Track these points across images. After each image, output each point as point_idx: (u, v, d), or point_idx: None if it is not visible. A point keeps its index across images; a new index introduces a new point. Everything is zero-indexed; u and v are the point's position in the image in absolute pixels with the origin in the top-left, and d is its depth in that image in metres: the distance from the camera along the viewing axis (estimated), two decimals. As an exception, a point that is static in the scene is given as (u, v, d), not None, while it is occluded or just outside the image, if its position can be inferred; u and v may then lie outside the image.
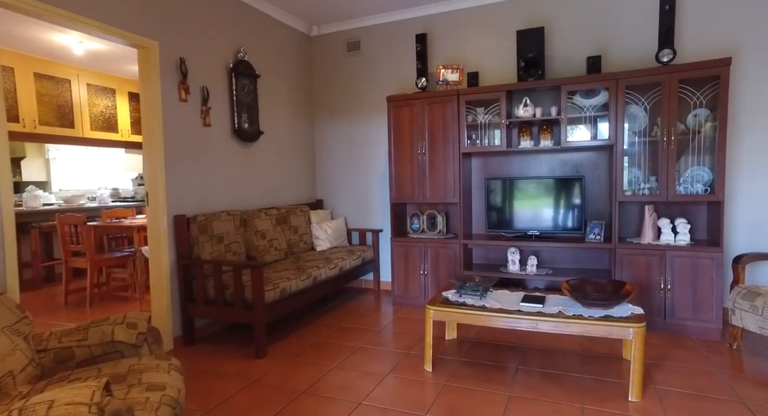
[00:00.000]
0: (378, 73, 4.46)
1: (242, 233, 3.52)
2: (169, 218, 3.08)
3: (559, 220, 3.54)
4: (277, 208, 4.03)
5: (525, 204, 3.64)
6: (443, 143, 3.73)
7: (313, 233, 4.33)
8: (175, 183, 3.13)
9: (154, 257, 3.07)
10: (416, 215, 4.04)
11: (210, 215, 3.27)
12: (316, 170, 4.86)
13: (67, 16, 2.48)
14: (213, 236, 3.25)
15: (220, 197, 3.53)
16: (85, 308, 4.23)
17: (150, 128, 3.01)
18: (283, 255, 3.78)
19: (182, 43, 3.18)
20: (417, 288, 3.86)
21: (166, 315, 3.07)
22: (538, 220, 3.60)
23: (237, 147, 3.72)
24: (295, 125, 4.51)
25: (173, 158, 3.12)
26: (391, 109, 3.88)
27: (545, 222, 3.58)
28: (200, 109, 3.33)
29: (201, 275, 3.07)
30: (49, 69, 5.38)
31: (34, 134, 5.29)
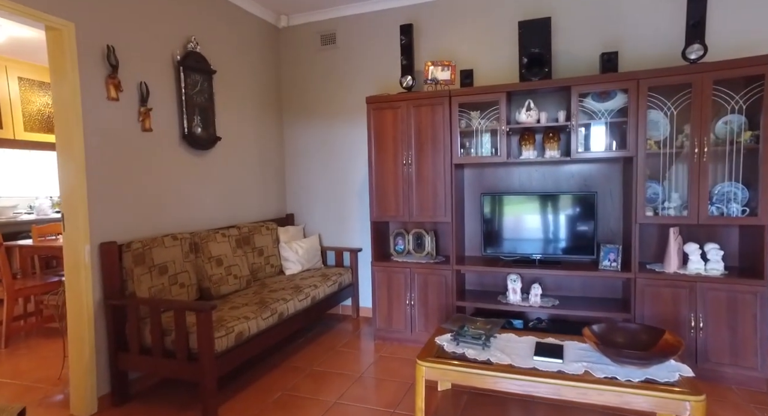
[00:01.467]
0: (357, 71, 3.90)
1: (192, 260, 2.91)
2: (93, 247, 2.44)
3: (567, 243, 3.05)
4: (238, 227, 3.42)
5: (527, 224, 3.14)
6: (432, 152, 3.19)
7: (281, 254, 3.73)
8: (101, 202, 2.49)
9: (73, 297, 2.43)
10: (401, 235, 3.50)
11: (149, 241, 2.64)
12: (286, 181, 4.25)
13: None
14: (153, 266, 2.63)
15: (164, 217, 2.90)
16: (0, 348, 3.51)
17: (65, 133, 2.37)
18: (244, 284, 3.17)
19: (111, 26, 2.55)
20: (402, 320, 3.31)
21: (88, 368, 2.43)
22: (542, 242, 3.11)
23: (187, 156, 3.10)
24: (261, 129, 3.91)
25: (99, 171, 2.48)
26: (372, 112, 3.33)
27: (550, 245, 3.09)
28: (137, 109, 2.70)
29: (135, 317, 2.44)
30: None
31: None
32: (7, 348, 3.50)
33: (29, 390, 2.77)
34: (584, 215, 2.99)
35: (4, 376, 2.98)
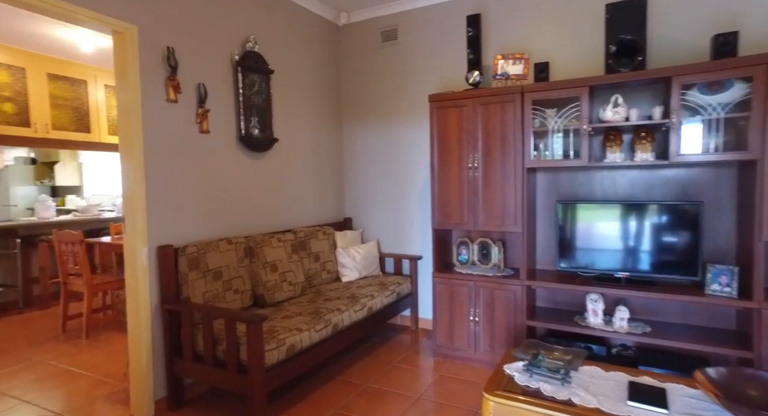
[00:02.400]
0: (419, 68, 3.67)
1: (247, 265, 2.84)
2: (151, 250, 2.43)
3: (660, 260, 2.61)
4: (294, 231, 3.32)
5: (610, 236, 2.74)
6: (501, 154, 2.89)
7: (338, 260, 3.60)
8: (158, 204, 2.47)
9: (132, 299, 2.43)
10: (464, 244, 3.22)
11: (204, 245, 2.60)
12: (344, 184, 4.12)
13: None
14: (208, 271, 2.58)
15: (219, 220, 2.86)
16: (82, 338, 3.70)
17: (127, 135, 2.37)
18: (299, 291, 3.06)
19: (171, 28, 2.53)
20: (465, 338, 3.03)
21: (146, 371, 2.41)
22: (630, 258, 2.69)
23: (244, 158, 3.04)
24: (319, 130, 3.80)
25: (157, 173, 2.47)
26: (435, 111, 3.08)
27: (640, 261, 2.67)
28: (195, 111, 2.67)
29: (189, 323, 2.40)
30: (64, 69, 4.97)
31: (47, 139, 4.88)
32: (87, 339, 3.68)
33: (99, 383, 2.84)
34: (685, 229, 2.54)
35: (83, 367, 3.10)
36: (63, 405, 2.58)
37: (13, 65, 4.58)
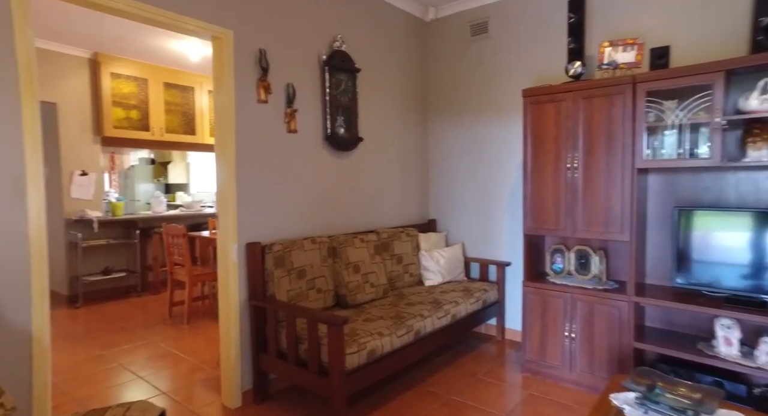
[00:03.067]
0: (511, 62, 3.42)
1: (330, 265, 2.84)
2: (240, 247, 2.51)
3: (819, 280, 2.12)
4: (377, 232, 3.27)
5: (746, 250, 2.29)
6: (606, 153, 2.56)
7: (421, 263, 3.48)
8: (248, 202, 2.56)
9: (223, 293, 2.54)
10: (559, 252, 2.92)
11: (290, 243, 2.64)
12: (429, 184, 4.00)
13: (128, 4, 2.02)
14: (292, 269, 2.61)
15: (304, 219, 2.89)
16: (184, 324, 4.02)
17: (221, 135, 2.47)
18: (381, 293, 3.00)
19: (263, 31, 2.60)
20: (558, 355, 2.75)
21: (234, 363, 2.51)
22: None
23: (329, 157, 3.05)
24: (404, 129, 3.72)
25: (247, 172, 2.55)
26: (529, 106, 2.83)
27: (788, 281, 2.19)
28: (284, 111, 2.73)
29: (274, 320, 2.44)
30: (177, 78, 5.47)
31: (161, 141, 5.41)
32: (188, 325, 3.99)
33: (195, 369, 3.04)
34: None
35: (183, 351, 3.35)
36: (167, 386, 2.78)
37: (139, 77, 5.13)
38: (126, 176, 8.68)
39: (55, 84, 4.61)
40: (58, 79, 4.63)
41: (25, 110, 1.79)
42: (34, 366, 1.84)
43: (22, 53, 1.79)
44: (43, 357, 1.86)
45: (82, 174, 4.80)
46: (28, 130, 1.80)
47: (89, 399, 2.62)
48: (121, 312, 4.42)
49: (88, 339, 3.64)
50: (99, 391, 2.72)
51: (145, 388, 2.76)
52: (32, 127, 1.81)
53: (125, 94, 5.03)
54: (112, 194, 7.82)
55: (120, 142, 5.08)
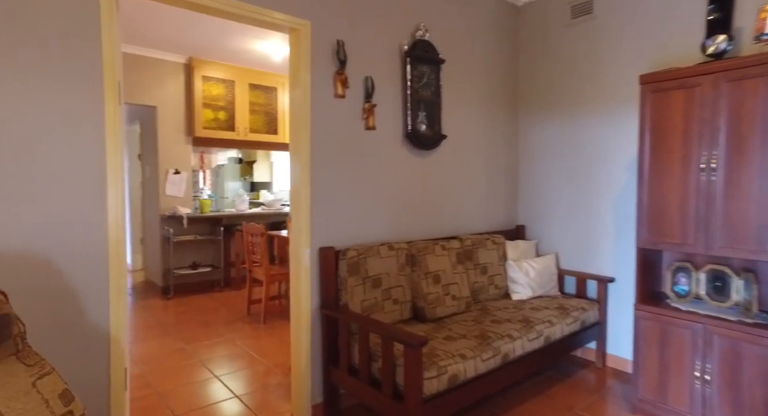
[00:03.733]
0: (621, 44, 2.92)
1: (408, 274, 2.60)
2: (313, 251, 2.37)
3: None
4: (460, 239, 2.97)
5: None
6: (763, 151, 2.02)
7: (508, 274, 3.12)
8: (322, 204, 2.40)
9: (294, 299, 2.41)
10: (684, 271, 2.41)
11: (365, 249, 2.44)
12: (518, 187, 3.60)
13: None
14: (367, 277, 2.42)
15: (381, 223, 2.68)
16: (260, 323, 4.04)
17: (296, 133, 2.34)
18: (463, 306, 2.71)
19: (341, 20, 2.43)
20: (686, 399, 2.25)
21: (304, 374, 2.37)
22: None
23: (409, 156, 2.81)
24: (491, 126, 3.37)
25: (322, 172, 2.39)
26: (648, 95, 2.36)
27: None
28: (361, 106, 2.54)
29: (346, 332, 2.26)
30: (261, 79, 5.60)
31: (245, 141, 5.56)
32: (264, 324, 4.00)
33: (268, 372, 2.98)
34: None
35: (258, 352, 3.33)
36: (240, 388, 2.74)
37: (227, 79, 5.32)
38: (216, 174, 9.23)
39: (156, 89, 4.90)
40: (158, 84, 4.91)
41: (108, 110, 1.77)
42: (112, 365, 1.82)
43: (108, 57, 1.77)
44: (120, 357, 1.84)
45: (175, 173, 5.06)
46: (110, 131, 1.78)
47: (169, 394, 2.65)
48: (205, 305, 4.58)
49: (175, 330, 3.77)
50: (178, 387, 2.75)
51: (220, 389, 2.73)
52: (114, 128, 1.79)
53: (214, 96, 5.23)
54: (205, 192, 8.35)
55: (208, 142, 5.30)
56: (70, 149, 1.69)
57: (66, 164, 1.68)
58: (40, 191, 1.63)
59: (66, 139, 1.68)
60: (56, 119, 1.66)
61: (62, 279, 1.66)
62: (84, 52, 1.71)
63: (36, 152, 1.63)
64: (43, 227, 1.63)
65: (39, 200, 1.63)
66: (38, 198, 1.63)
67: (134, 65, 4.76)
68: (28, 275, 1.60)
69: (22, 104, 1.60)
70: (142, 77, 4.81)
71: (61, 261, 1.66)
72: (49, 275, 1.63)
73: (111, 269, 1.76)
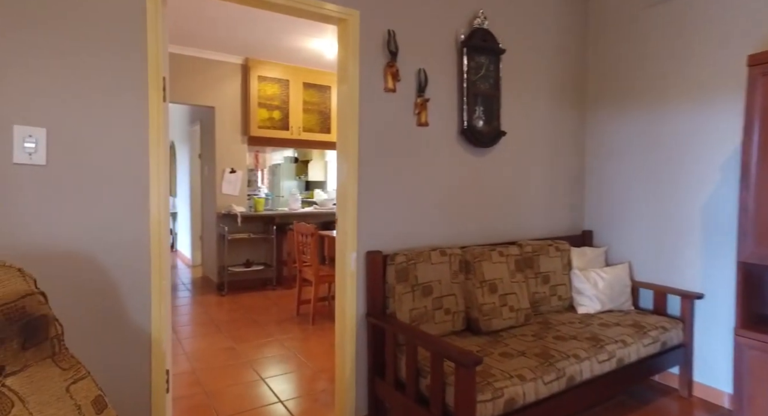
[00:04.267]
0: (718, 20, 2.52)
1: (461, 282, 2.39)
2: (360, 255, 2.23)
3: None
4: (519, 245, 2.72)
5: None
6: None
7: (573, 284, 2.82)
8: (371, 205, 2.26)
9: (340, 305, 2.29)
10: (799, 290, 2.01)
11: (415, 255, 2.27)
12: (585, 188, 3.26)
13: (244, -14, 1.88)
14: (417, 285, 2.24)
15: (433, 226, 2.49)
16: (309, 324, 3.99)
17: (344, 129, 2.22)
18: (522, 319, 2.46)
19: (392, 10, 2.27)
20: (793, 443, 1.87)
21: (349, 384, 2.24)
22: None
23: (464, 155, 2.60)
24: (555, 122, 3.07)
25: (371, 170, 2.25)
26: (759, 79, 1.99)
27: None
28: (413, 101, 2.36)
29: (392, 342, 2.10)
30: (315, 78, 5.58)
31: (299, 140, 5.57)
32: (313, 325, 3.95)
33: (314, 378, 2.89)
34: None
35: (306, 355, 3.26)
36: (285, 392, 2.67)
37: (282, 78, 5.35)
38: (273, 173, 9.44)
39: (214, 89, 5.02)
40: (217, 85, 5.03)
41: (152, 110, 1.73)
42: (153, 367, 1.79)
43: (153, 54, 1.73)
44: (161, 359, 1.80)
45: (231, 172, 5.16)
46: (154, 129, 1.74)
47: (215, 394, 2.62)
48: (256, 303, 4.62)
49: (227, 328, 3.81)
50: (225, 387, 2.72)
51: (265, 393, 2.67)
52: (157, 125, 1.75)
53: (269, 96, 5.28)
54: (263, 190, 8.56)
55: (263, 141, 5.36)
56: (114, 148, 1.67)
57: (110, 164, 1.66)
58: (85, 191, 1.62)
59: (110, 138, 1.66)
60: (102, 119, 1.64)
61: (105, 279, 1.63)
62: (129, 51, 1.68)
63: (83, 153, 1.62)
64: (86, 227, 1.61)
65: (84, 200, 1.62)
66: (84, 198, 1.61)
67: (194, 67, 4.90)
68: (72, 275, 1.59)
69: (74, 107, 1.59)
70: (201, 79, 4.95)
71: (103, 261, 1.64)
72: (91, 275, 1.61)
73: (153, 270, 1.72)
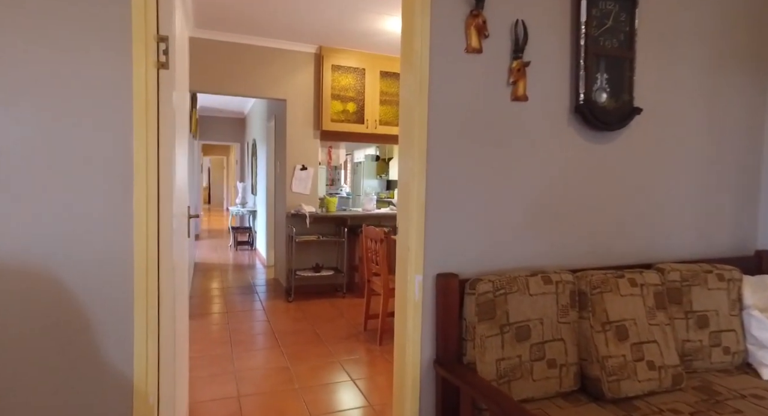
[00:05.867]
0: None
1: (573, 322, 1.67)
2: (427, 278, 1.62)
3: None
4: (660, 269, 1.90)
5: None
6: None
7: (750, 331, 1.92)
8: (443, 210, 1.64)
9: (399, 347, 1.70)
10: None
11: (506, 280, 1.60)
12: (760, 191, 2.29)
13: None
14: (507, 325, 1.58)
15: (528, 241, 1.79)
16: (376, 344, 3.46)
17: (407, 108, 1.63)
18: (667, 382, 1.66)
19: (481, -66, 1.62)
20: None
21: (410, 451, 1.65)
22: None
23: (578, 141, 1.86)
24: (719, 97, 2.16)
25: (444, 161, 1.63)
26: None
27: None
28: (507, 66, 1.69)
29: (470, 407, 1.47)
30: (392, 66, 5.06)
31: (374, 134, 5.09)
32: (380, 346, 3.41)
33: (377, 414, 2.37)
34: None
35: (368, 386, 2.74)
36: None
37: (357, 67, 4.91)
38: (354, 171, 9.15)
39: (286, 81, 4.73)
40: (288, 76, 4.73)
41: (137, 79, 1.29)
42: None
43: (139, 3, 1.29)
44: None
45: (302, 169, 4.84)
46: (140, 105, 1.30)
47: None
48: (323, 313, 4.21)
49: (286, 342, 3.42)
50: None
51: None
52: (145, 100, 1.30)
53: (343, 86, 4.86)
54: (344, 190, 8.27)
55: (335, 135, 4.96)
56: (82, 130, 1.25)
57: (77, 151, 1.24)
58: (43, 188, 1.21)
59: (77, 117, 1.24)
60: (65, 88, 1.23)
61: (69, 307, 1.22)
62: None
63: (39, 135, 1.22)
64: (44, 237, 1.21)
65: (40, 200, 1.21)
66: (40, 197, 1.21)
67: (265, 58, 4.64)
68: (22, 300, 1.19)
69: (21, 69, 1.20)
70: (272, 70, 4.67)
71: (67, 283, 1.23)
72: (50, 300, 1.21)
73: (137, 296, 1.27)
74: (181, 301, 1.78)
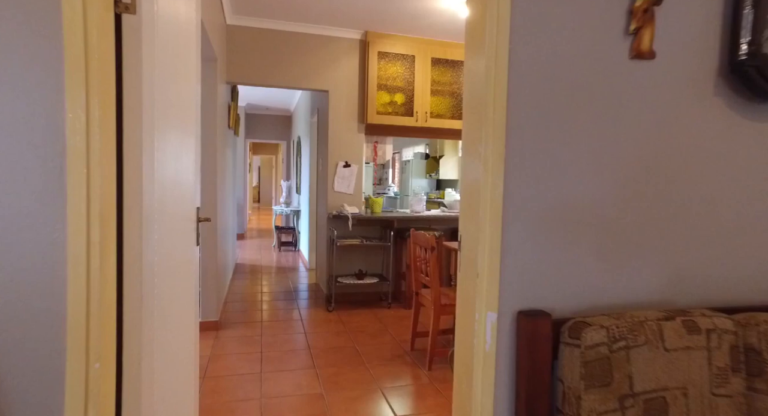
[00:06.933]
0: None
1: (739, 394, 1.10)
2: (503, 317, 1.11)
3: None
4: None
5: None
6: None
7: None
8: (525, 220, 1.12)
9: (459, 409, 1.20)
10: None
11: (627, 324, 1.06)
12: None
13: None
14: (633, 396, 1.03)
15: (656, 263, 1.23)
16: (424, 369, 2.96)
17: (475, 80, 1.12)
18: None
19: None
20: None
21: None
22: None
23: (730, 117, 1.27)
24: None
25: (528, 149, 1.11)
26: None
27: None
28: (626, 8, 1.14)
29: None
30: (445, 52, 4.54)
31: (424, 128, 4.58)
32: (429, 371, 2.90)
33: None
34: None
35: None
36: None
37: (406, 54, 4.44)
38: (402, 170, 8.67)
39: (328, 70, 4.34)
40: (331, 66, 4.34)
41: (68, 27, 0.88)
42: None
43: None
44: None
45: (345, 166, 4.43)
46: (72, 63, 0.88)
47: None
48: (366, 326, 3.77)
49: (323, 361, 3.01)
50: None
51: None
52: (83, 55, 0.88)
53: (391, 75, 4.40)
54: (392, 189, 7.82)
55: (382, 129, 4.51)
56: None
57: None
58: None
59: None
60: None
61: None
62: None
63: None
64: None
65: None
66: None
67: (306, 46, 4.27)
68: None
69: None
70: (314, 59, 4.30)
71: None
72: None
73: (70, 346, 0.85)
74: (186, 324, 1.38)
